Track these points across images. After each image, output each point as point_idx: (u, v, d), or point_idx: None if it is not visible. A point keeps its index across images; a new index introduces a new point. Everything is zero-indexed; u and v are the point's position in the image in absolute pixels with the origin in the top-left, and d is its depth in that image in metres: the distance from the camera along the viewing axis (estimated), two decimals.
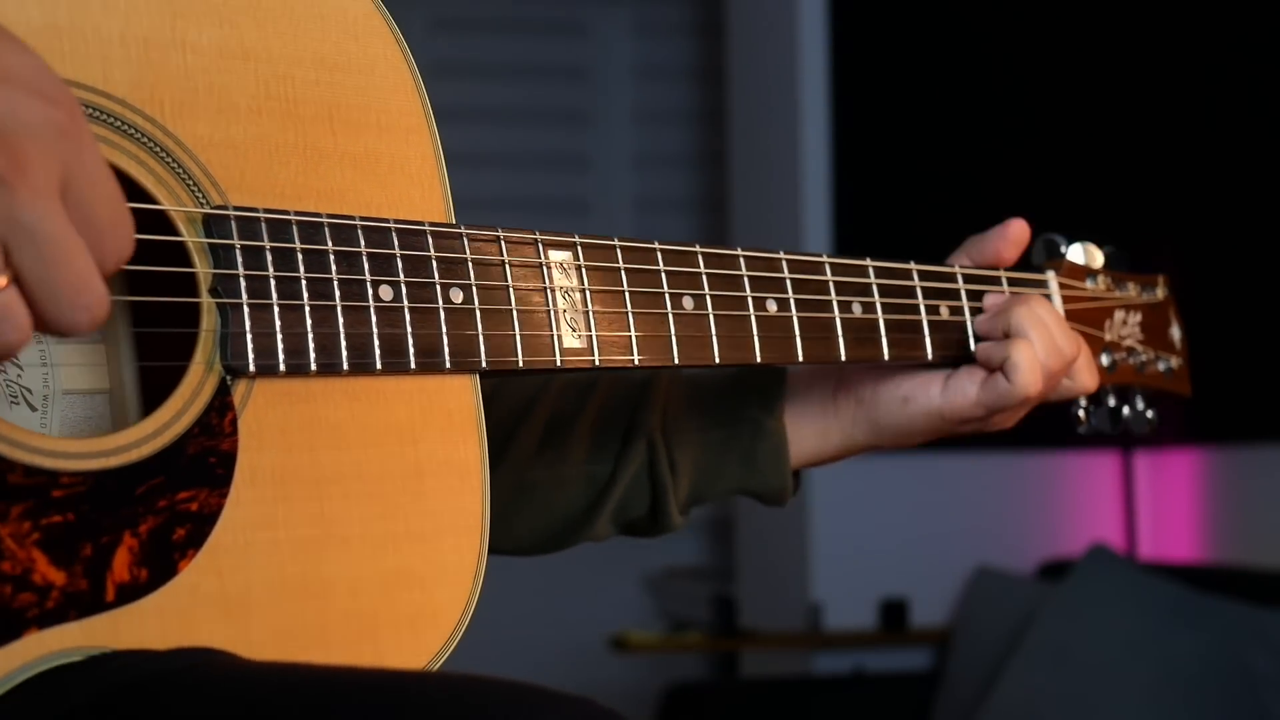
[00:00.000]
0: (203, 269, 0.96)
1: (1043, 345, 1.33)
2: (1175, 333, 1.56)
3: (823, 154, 4.04)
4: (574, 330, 1.12)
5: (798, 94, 4.05)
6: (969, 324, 1.37)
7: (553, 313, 1.11)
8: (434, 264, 1.05)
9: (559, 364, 1.11)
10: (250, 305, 0.96)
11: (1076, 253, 1.49)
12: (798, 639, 4.04)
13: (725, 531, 4.65)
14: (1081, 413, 1.47)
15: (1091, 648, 3.37)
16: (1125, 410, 1.50)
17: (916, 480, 3.97)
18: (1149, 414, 1.51)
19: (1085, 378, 1.41)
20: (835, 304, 1.29)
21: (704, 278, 1.21)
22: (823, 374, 1.41)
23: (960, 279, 1.39)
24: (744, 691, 4.02)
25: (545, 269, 1.11)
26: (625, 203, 5.17)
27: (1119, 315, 1.50)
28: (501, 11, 4.98)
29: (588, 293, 1.13)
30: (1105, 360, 1.47)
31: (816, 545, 3.95)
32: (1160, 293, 1.55)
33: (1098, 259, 1.50)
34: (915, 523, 3.99)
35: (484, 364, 1.07)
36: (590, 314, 1.13)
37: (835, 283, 1.30)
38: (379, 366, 1.02)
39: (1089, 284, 1.49)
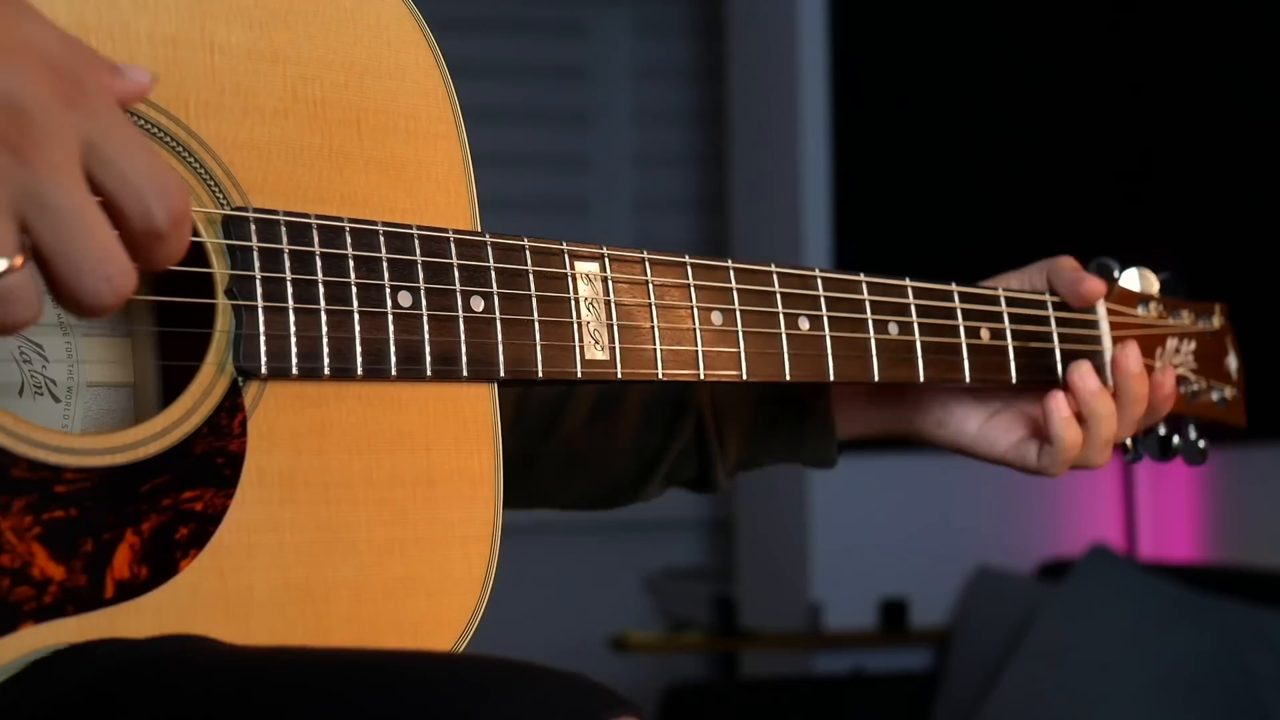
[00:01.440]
0: (219, 270, 0.95)
1: (1099, 432, 1.34)
2: (1232, 362, 1.54)
3: (823, 154, 4.02)
4: (597, 342, 1.11)
5: (798, 94, 4.03)
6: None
7: (576, 324, 1.10)
8: (455, 271, 1.04)
9: (579, 376, 1.10)
10: (265, 308, 0.96)
11: (1131, 278, 1.47)
12: (798, 639, 4.03)
13: (725, 531, 4.64)
14: (1129, 440, 1.44)
15: (1091, 648, 3.36)
16: (1176, 439, 1.47)
17: (916, 480, 3.96)
18: (1201, 444, 1.48)
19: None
20: (870, 323, 1.27)
21: (734, 293, 1.19)
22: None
23: (1003, 301, 1.36)
24: (744, 691, 4.02)
25: (571, 279, 1.10)
26: (625, 203, 5.15)
27: (1171, 344, 1.48)
28: (501, 11, 4.97)
29: (613, 305, 1.12)
30: None
31: (816, 545, 3.94)
32: (1217, 321, 1.53)
33: (1153, 285, 1.48)
34: (915, 523, 3.98)
35: (502, 373, 1.06)
36: (615, 327, 1.12)
37: (871, 302, 1.28)
38: (394, 373, 1.01)
39: (1140, 310, 1.46)
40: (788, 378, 1.21)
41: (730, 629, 4.30)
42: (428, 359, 1.02)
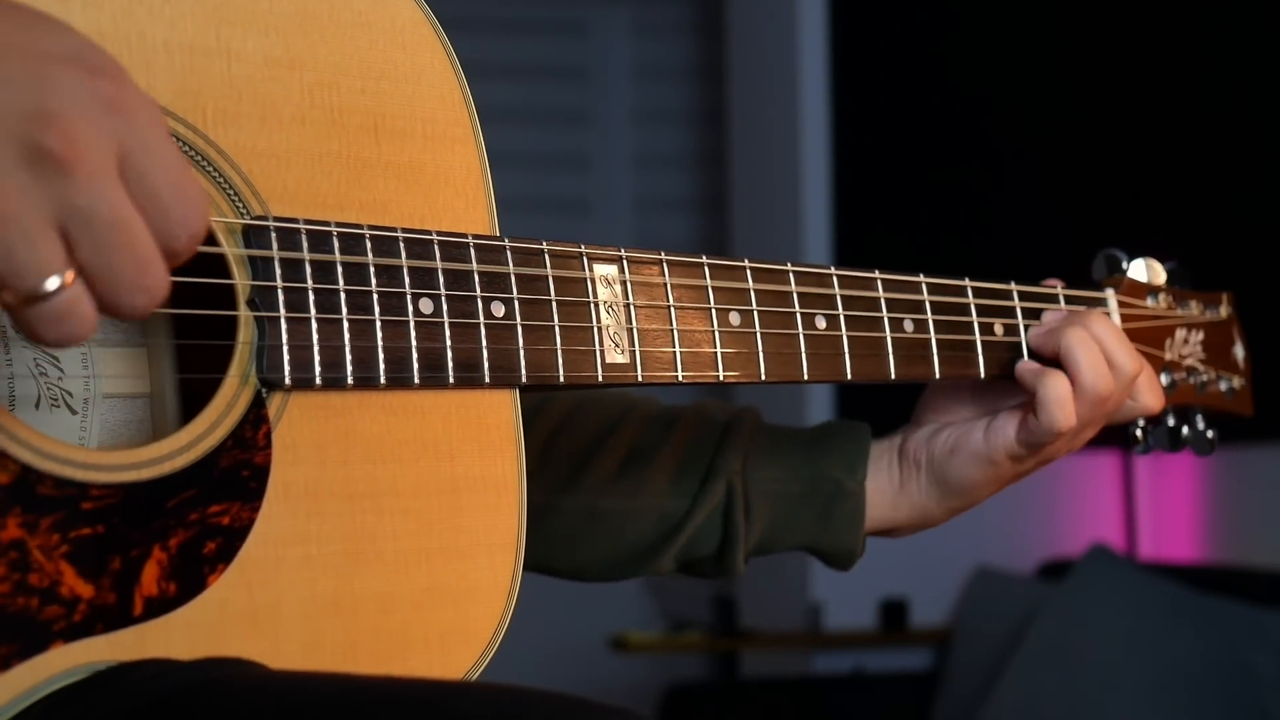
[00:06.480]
0: (241, 281, 0.94)
1: (1091, 371, 1.29)
2: (1239, 352, 1.53)
3: (823, 153, 4.03)
4: (617, 345, 1.10)
5: (798, 94, 4.04)
6: (1024, 342, 1.34)
7: (596, 328, 1.09)
8: (476, 277, 1.03)
9: (600, 380, 1.09)
10: (288, 318, 0.95)
11: (1138, 269, 1.46)
12: (798, 639, 4.03)
13: None
14: (1139, 432, 1.43)
15: (1091, 648, 3.36)
16: (1185, 430, 1.47)
17: None
18: (1209, 434, 1.48)
19: (1148, 398, 1.37)
20: (886, 321, 1.27)
21: (752, 293, 1.18)
22: (887, 446, 1.39)
23: (1016, 296, 1.36)
24: (744, 691, 4.03)
25: (590, 283, 1.09)
26: (625, 203, 5.16)
27: (1180, 334, 1.47)
28: (501, 11, 4.97)
29: (632, 307, 1.11)
30: (1164, 380, 1.44)
31: None
32: (1224, 311, 1.52)
33: (1160, 276, 1.48)
34: None
35: (524, 378, 1.05)
36: (634, 330, 1.11)
37: (887, 299, 1.27)
38: (417, 381, 1.00)
39: (1149, 302, 1.46)
40: (805, 378, 1.21)
41: (730, 629, 4.30)
42: (450, 366, 1.01)
